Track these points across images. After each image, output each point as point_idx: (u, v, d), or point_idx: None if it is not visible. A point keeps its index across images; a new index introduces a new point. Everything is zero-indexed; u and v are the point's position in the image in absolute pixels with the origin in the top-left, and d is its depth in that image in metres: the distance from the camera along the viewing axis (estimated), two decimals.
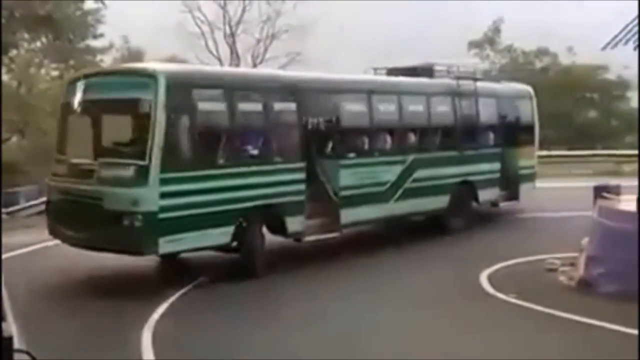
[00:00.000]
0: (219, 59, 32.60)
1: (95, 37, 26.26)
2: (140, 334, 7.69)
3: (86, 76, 11.58)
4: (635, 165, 16.65)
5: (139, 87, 10.05)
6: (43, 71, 27.18)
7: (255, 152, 10.60)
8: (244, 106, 10.62)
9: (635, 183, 11.89)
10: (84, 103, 10.73)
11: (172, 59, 32.33)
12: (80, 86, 10.92)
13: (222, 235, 10.08)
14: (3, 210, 17.07)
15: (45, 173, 11.99)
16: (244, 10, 31.91)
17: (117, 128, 10.92)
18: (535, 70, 33.73)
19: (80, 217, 9.88)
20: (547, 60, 35.11)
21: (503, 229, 14.80)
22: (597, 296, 9.00)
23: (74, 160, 10.46)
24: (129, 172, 9.54)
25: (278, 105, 11.13)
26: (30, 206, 17.59)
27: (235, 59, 32.40)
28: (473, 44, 37.63)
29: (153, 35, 31.35)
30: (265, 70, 20.94)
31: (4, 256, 11.02)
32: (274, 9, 31.47)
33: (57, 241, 10.73)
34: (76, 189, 10.12)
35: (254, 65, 32.36)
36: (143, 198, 9.34)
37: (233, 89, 10.67)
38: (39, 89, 25.48)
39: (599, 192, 10.86)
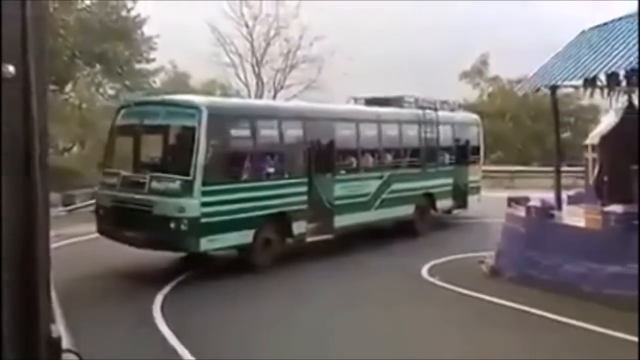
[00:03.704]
0: (247, 85, 34.68)
1: (147, 61, 28.29)
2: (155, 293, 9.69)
3: (138, 104, 12.57)
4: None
5: (185, 116, 10.99)
6: (102, 90, 29.02)
7: (271, 169, 11.75)
8: (264, 132, 11.75)
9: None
10: (135, 127, 11.57)
11: (212, 82, 34.81)
12: (131, 112, 11.92)
13: (246, 236, 11.07)
14: (61, 208, 18.18)
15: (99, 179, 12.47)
16: (268, 45, 34.01)
17: (164, 148, 12.07)
18: (519, 96, 35.37)
19: (132, 220, 10.68)
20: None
21: (462, 231, 16.22)
22: (501, 280, 10.56)
23: (125, 173, 11.32)
24: (176, 185, 10.50)
25: (289, 131, 12.25)
26: (86, 205, 18.37)
27: (260, 85, 34.40)
28: (464, 75, 39.57)
29: (194, 62, 33.23)
30: (281, 102, 23.09)
31: (71, 240, 13.48)
32: (294, 43, 33.50)
33: None
34: (128, 197, 10.88)
35: (275, 91, 34.41)
36: (188, 206, 10.28)
37: (256, 118, 11.77)
38: (97, 106, 26.54)
39: (510, 201, 12.07)
